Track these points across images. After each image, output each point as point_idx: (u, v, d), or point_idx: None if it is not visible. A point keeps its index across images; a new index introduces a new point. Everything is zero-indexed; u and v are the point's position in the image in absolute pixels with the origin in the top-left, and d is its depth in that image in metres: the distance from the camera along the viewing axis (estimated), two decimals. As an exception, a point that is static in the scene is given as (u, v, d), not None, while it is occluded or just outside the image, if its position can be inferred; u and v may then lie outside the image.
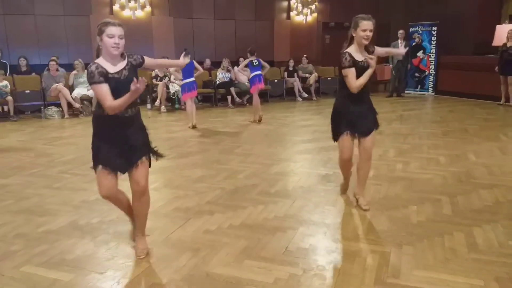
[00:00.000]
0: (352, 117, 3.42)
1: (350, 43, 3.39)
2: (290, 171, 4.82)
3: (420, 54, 12.06)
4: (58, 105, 9.04)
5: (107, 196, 2.71)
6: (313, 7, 13.06)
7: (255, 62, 7.92)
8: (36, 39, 10.27)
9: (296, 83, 11.45)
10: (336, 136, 3.55)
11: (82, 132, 7.22)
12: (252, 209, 3.60)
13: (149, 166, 2.81)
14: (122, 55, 2.69)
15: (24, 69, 9.46)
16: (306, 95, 11.57)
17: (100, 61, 2.61)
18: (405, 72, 11.86)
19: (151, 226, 3.26)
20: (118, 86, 2.56)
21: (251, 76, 8.05)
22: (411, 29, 12.29)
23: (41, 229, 3.25)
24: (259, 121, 7.92)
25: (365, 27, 3.26)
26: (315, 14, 13.12)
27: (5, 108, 8.83)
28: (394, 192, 4.01)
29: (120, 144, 2.65)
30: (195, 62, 7.49)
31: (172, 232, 3.17)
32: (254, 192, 4.05)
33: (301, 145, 6.07)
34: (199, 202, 3.82)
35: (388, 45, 12.00)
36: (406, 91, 12.32)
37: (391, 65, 11.85)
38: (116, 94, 2.54)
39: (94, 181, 4.44)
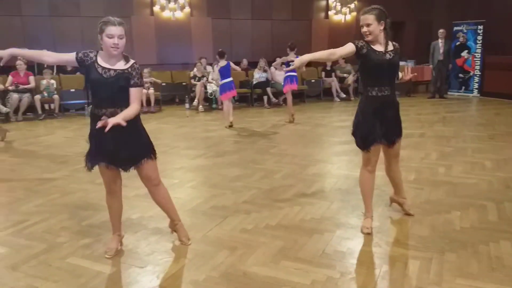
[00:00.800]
0: (384, 122, 3.09)
1: None
2: (327, 173, 4.76)
3: (464, 54, 11.62)
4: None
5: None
6: (352, 5, 12.86)
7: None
8: (81, 40, 10.67)
9: (334, 83, 11.32)
10: (367, 144, 3.10)
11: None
12: (289, 210, 3.59)
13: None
14: (126, 58, 2.66)
15: (69, 68, 9.88)
16: (344, 96, 11.41)
17: (100, 54, 2.63)
18: (447, 72, 11.44)
19: (189, 223, 3.33)
20: (99, 83, 2.57)
21: (285, 76, 8.03)
22: (455, 28, 11.86)
23: (84, 222, 3.38)
24: (290, 121, 7.87)
25: (361, 22, 2.96)
26: (354, 13, 12.92)
27: (52, 106, 9.25)
28: (436, 196, 3.88)
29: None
30: (231, 63, 7.53)
31: (209, 230, 3.21)
32: (290, 193, 4.03)
33: (338, 146, 5.99)
34: (236, 201, 3.84)
35: (428, 45, 11.67)
36: (449, 93, 11.91)
37: (431, 66, 11.47)
38: (95, 89, 2.60)
39: (134, 177, 4.57)
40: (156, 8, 11.15)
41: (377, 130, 3.06)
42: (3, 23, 9.94)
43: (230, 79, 7.53)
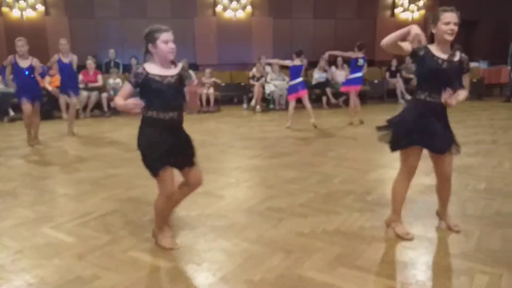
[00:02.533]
0: (430, 129, 2.90)
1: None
2: (389, 179, 4.53)
3: (544, 54, 10.69)
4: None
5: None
6: (420, 3, 12.31)
7: (360, 62, 7.60)
8: (147, 41, 11.13)
9: (399, 84, 10.87)
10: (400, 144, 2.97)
11: (187, 129, 7.64)
12: (347, 216, 3.49)
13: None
14: (173, 62, 2.78)
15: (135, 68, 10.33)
16: (410, 97, 10.92)
17: (147, 65, 2.72)
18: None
19: (244, 222, 3.35)
20: (161, 90, 2.68)
21: (350, 77, 7.83)
22: (534, 27, 10.95)
23: (146, 217, 3.50)
24: (359, 122, 7.67)
25: (448, 19, 2.77)
26: (422, 11, 12.35)
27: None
28: (508, 208, 3.59)
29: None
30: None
31: (265, 231, 3.20)
32: (349, 198, 3.92)
33: (400, 151, 5.73)
34: (292, 203, 3.80)
35: (507, 46, 10.87)
36: (525, 96, 11.02)
37: (509, 67, 10.67)
38: (156, 97, 2.69)
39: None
40: (219, 9, 11.36)
41: (416, 133, 2.88)
42: (76, 25, 10.62)
43: (300, 79, 7.39)
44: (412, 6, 12.29)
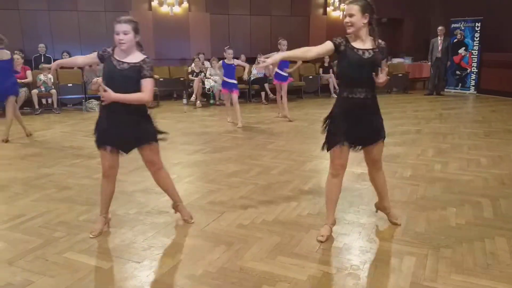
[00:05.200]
0: (357, 125, 2.86)
1: None
2: (324, 169, 4.77)
3: (461, 51, 11.65)
4: (98, 98, 9.31)
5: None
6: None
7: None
8: (78, 35, 10.63)
9: (331, 79, 11.32)
10: (329, 145, 2.94)
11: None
12: (286, 206, 3.60)
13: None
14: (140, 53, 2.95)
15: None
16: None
17: (116, 49, 2.91)
18: (445, 69, 11.46)
19: (186, 218, 3.33)
20: (113, 73, 2.86)
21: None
22: (452, 25, 11.88)
23: (81, 217, 3.38)
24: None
25: (345, 12, 2.76)
26: (352, 10, 12.90)
27: (49, 100, 9.23)
28: (432, 193, 3.90)
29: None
30: (236, 61, 7.49)
31: (206, 225, 3.22)
32: (287, 189, 4.05)
33: (335, 143, 6.00)
34: (233, 196, 3.86)
35: (427, 42, 11.69)
36: (446, 90, 11.95)
37: (429, 63, 11.49)
38: (107, 80, 2.86)
39: (132, 173, 4.58)
40: (155, 3, 11.11)
41: (342, 132, 2.84)
42: (0, 17, 9.88)
43: (233, 80, 7.41)
44: (343, 5, 12.79)
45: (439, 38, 11.05)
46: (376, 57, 2.75)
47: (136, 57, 2.90)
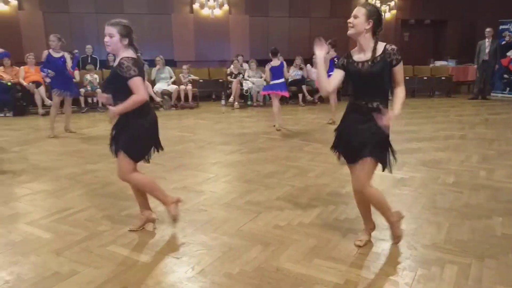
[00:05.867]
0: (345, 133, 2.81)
1: None
2: (363, 173, 4.70)
3: (510, 53, 11.12)
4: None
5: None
6: (392, 3, 12.59)
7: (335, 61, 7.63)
8: (123, 36, 10.99)
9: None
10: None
11: (162, 125, 7.55)
12: (323, 209, 3.58)
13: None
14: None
15: (112, 64, 10.20)
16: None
17: None
18: (492, 73, 10.99)
19: (223, 217, 3.40)
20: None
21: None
22: (501, 27, 11.38)
23: (124, 212, 3.50)
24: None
25: (352, 13, 2.68)
26: (394, 11, 12.64)
27: (95, 99, 9.62)
28: (476, 201, 3.76)
29: None
30: (285, 65, 7.19)
31: (243, 224, 3.26)
32: (324, 192, 4.02)
33: (374, 147, 5.89)
34: (269, 197, 3.87)
35: (473, 45, 11.26)
36: (492, 94, 11.45)
37: (475, 66, 11.06)
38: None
39: (173, 171, 4.70)
40: (196, 6, 11.33)
41: (341, 140, 2.86)
42: (51, 19, 10.40)
43: (282, 80, 7.07)
44: (384, 7, 12.55)
45: (486, 40, 10.62)
46: (375, 68, 2.61)
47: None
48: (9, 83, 8.75)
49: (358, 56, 2.70)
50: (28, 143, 6.27)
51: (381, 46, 2.64)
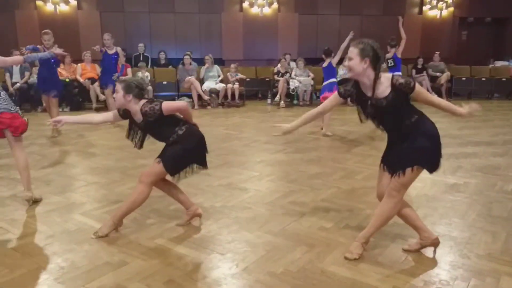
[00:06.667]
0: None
1: None
2: (413, 176, 4.53)
3: None
4: (190, 96, 9.86)
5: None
6: (449, 0, 12.05)
7: (391, 63, 7.42)
8: (174, 35, 11.30)
9: (425, 82, 10.69)
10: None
11: (209, 122, 7.76)
12: (370, 212, 3.48)
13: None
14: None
15: (163, 62, 10.52)
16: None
17: None
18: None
19: (267, 216, 3.40)
20: None
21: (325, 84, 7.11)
22: None
23: (172, 207, 3.59)
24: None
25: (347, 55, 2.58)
26: (451, 8, 12.09)
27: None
28: (538, 210, 3.51)
29: None
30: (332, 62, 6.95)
31: (288, 224, 3.24)
32: (372, 195, 3.86)
33: (426, 150, 5.67)
34: (314, 198, 3.83)
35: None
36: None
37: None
38: None
39: (218, 168, 4.76)
40: (245, 4, 11.41)
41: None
42: (107, 18, 10.87)
43: (334, 79, 6.91)
44: (441, 4, 12.03)
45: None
46: (381, 103, 2.55)
47: None
48: (67, 80, 9.23)
49: (366, 88, 2.62)
50: (83, 137, 6.59)
51: (386, 80, 2.54)
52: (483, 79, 11.25)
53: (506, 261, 2.69)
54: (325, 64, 6.97)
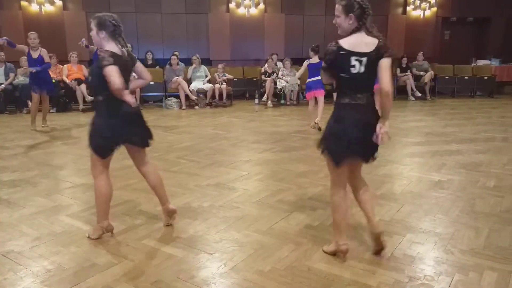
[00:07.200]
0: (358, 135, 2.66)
1: None
2: (398, 174, 4.61)
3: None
4: (177, 96, 9.83)
5: None
6: (432, 1, 12.22)
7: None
8: (161, 35, 11.26)
9: (409, 81, 10.85)
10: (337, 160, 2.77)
11: (197, 123, 7.76)
12: (356, 210, 3.50)
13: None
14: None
15: (150, 62, 10.46)
16: (420, 94, 10.91)
17: None
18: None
19: (255, 214, 3.43)
20: None
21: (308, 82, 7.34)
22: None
23: (159, 207, 3.57)
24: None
25: None
26: (434, 9, 12.27)
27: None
28: (519, 206, 3.60)
29: None
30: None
31: (275, 223, 3.27)
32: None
33: (412, 147, 5.76)
34: (302, 196, 3.86)
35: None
36: (539, 95, 10.91)
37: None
38: None
39: (207, 167, 4.77)
40: (232, 5, 11.42)
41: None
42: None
43: (319, 77, 6.77)
44: (424, 4, 12.20)
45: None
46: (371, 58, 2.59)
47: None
48: (53, 81, 9.12)
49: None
50: (70, 138, 6.53)
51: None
52: (466, 77, 11.45)
53: (488, 255, 2.75)
54: (313, 61, 6.97)
